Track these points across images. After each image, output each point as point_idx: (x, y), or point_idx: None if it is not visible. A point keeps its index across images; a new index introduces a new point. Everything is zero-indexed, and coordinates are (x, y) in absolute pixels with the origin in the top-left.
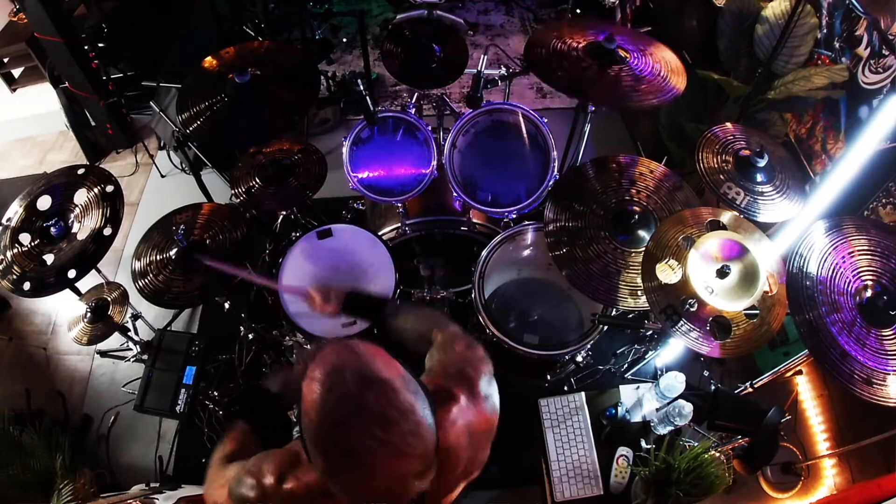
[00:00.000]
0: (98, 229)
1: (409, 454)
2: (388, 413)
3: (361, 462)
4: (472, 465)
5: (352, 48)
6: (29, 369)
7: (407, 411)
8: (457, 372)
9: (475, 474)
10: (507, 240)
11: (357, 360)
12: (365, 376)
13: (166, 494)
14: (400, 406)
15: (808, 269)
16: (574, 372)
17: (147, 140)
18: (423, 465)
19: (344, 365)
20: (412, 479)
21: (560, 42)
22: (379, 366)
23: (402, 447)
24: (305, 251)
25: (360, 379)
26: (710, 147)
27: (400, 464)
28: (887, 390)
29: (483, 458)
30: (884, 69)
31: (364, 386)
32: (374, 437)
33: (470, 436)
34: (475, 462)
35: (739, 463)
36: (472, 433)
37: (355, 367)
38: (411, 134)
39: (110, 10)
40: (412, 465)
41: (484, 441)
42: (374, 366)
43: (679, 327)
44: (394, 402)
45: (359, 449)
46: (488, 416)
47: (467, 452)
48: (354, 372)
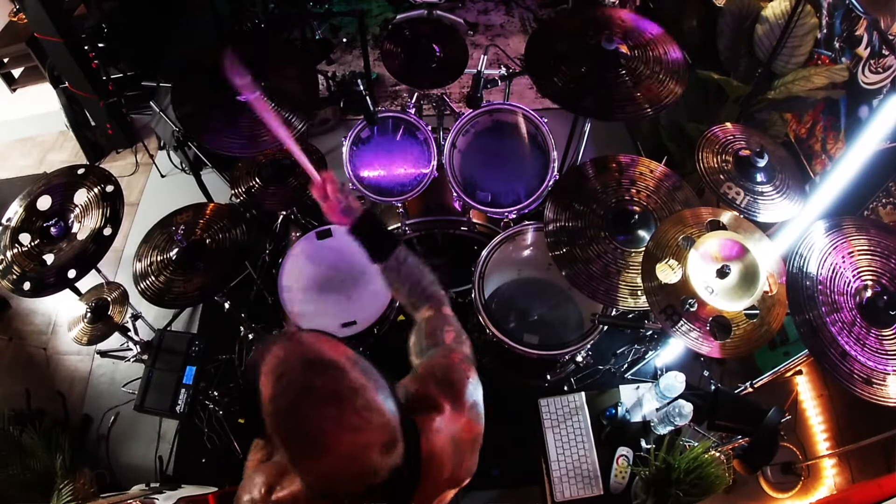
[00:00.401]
0: (98, 229)
1: (366, 428)
2: (338, 391)
3: (319, 443)
4: (458, 473)
5: (352, 48)
6: (29, 369)
7: (357, 388)
8: (443, 378)
9: (465, 482)
10: (507, 240)
11: (301, 349)
12: (310, 361)
13: (166, 494)
14: (349, 384)
15: (808, 269)
16: (574, 372)
17: (147, 140)
18: (386, 435)
19: (289, 354)
20: (376, 452)
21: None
22: (324, 349)
23: (357, 422)
24: (305, 251)
25: (306, 364)
26: (710, 147)
27: (358, 438)
28: (887, 390)
29: (470, 466)
30: (884, 69)
31: (310, 370)
32: (326, 417)
33: (454, 444)
34: (461, 469)
35: (739, 463)
36: (457, 442)
37: (300, 354)
38: (411, 134)
39: (110, 10)
40: (372, 437)
41: (469, 449)
42: (319, 350)
43: (679, 327)
44: (342, 380)
45: (314, 430)
46: (474, 425)
47: (452, 460)
48: (300, 359)
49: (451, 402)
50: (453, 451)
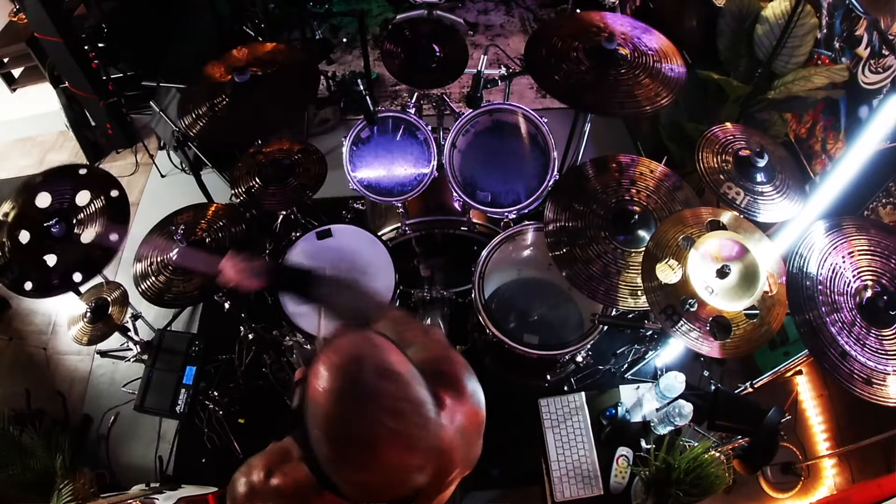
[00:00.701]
0: (104, 235)
1: (416, 447)
2: (401, 405)
3: (369, 451)
4: (465, 464)
5: (352, 48)
6: (29, 369)
7: (418, 405)
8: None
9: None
10: (507, 240)
11: (375, 351)
12: (382, 367)
13: (166, 494)
14: (412, 399)
15: (808, 269)
16: (574, 372)
17: (147, 140)
18: (426, 459)
19: (362, 354)
20: (414, 472)
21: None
22: (395, 358)
23: (411, 439)
24: (305, 251)
25: (377, 369)
26: (710, 147)
27: (405, 456)
28: (887, 390)
29: (476, 454)
30: (884, 69)
31: (381, 376)
32: (385, 427)
33: (462, 435)
34: (468, 460)
35: (739, 463)
36: (464, 432)
37: (372, 356)
38: (411, 134)
39: (110, 10)
40: (416, 459)
41: (475, 436)
42: (391, 358)
43: (679, 327)
44: (407, 394)
45: (369, 437)
46: (476, 410)
47: (461, 452)
48: (372, 361)
49: (452, 393)
50: (461, 444)
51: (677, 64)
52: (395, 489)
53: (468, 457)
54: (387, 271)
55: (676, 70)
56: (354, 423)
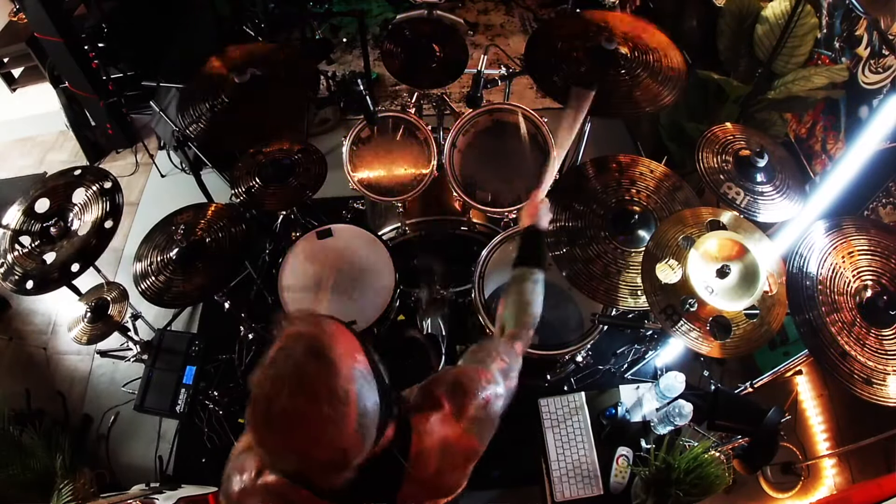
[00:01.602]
0: (99, 222)
1: (320, 440)
2: (319, 390)
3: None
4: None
5: (352, 48)
6: (29, 369)
7: (336, 397)
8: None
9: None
10: (507, 240)
11: (315, 334)
12: (315, 349)
13: (166, 494)
14: (333, 389)
15: (808, 269)
16: (574, 372)
17: (147, 140)
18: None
19: (301, 334)
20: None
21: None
22: (335, 346)
23: (315, 431)
24: (305, 251)
25: (310, 349)
26: (710, 147)
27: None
28: (887, 390)
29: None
30: (884, 69)
31: (311, 356)
32: (294, 405)
33: (443, 448)
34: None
35: (739, 463)
36: (446, 448)
37: (311, 337)
38: (411, 134)
39: (110, 10)
40: (319, 452)
41: (460, 461)
42: (330, 343)
43: (679, 327)
44: (329, 382)
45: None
46: (470, 438)
47: (437, 464)
48: (308, 341)
49: (453, 406)
50: (440, 455)
51: (677, 63)
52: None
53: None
54: (387, 271)
55: (676, 69)
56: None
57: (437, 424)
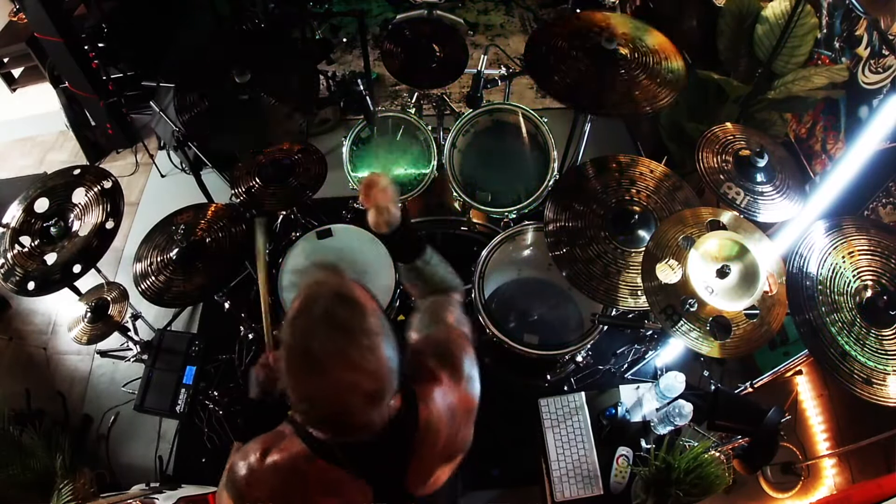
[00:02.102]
0: (100, 224)
1: (364, 368)
2: (352, 325)
3: (317, 363)
4: (453, 443)
5: (352, 48)
6: (29, 369)
7: (369, 331)
8: (442, 352)
9: (458, 458)
10: (507, 240)
11: (338, 282)
12: (341, 294)
13: (166, 494)
14: (364, 325)
15: (808, 269)
16: (574, 372)
17: (147, 140)
18: (375, 384)
19: (326, 282)
20: (361, 395)
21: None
22: (357, 292)
23: (358, 359)
24: (305, 251)
25: (336, 295)
26: (710, 147)
27: (352, 375)
28: (887, 390)
29: (465, 437)
30: (884, 69)
31: (338, 301)
32: (333, 342)
33: (451, 414)
34: (457, 441)
35: (739, 463)
36: (453, 412)
37: (335, 285)
38: (411, 134)
39: (110, 10)
40: (363, 381)
41: (465, 421)
42: (353, 290)
43: (679, 327)
44: (360, 320)
45: (318, 350)
46: (469, 397)
47: (447, 430)
48: (333, 289)
49: (449, 374)
50: (449, 420)
51: (677, 63)
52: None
53: (456, 435)
54: (387, 271)
55: (676, 70)
56: (307, 335)
57: (440, 395)
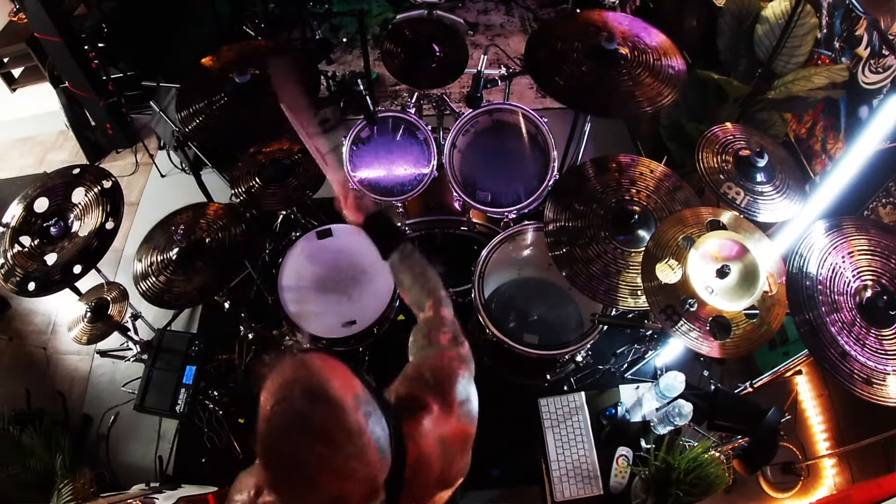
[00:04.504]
0: (100, 224)
1: (352, 476)
2: (333, 433)
3: (303, 477)
4: (448, 474)
5: (352, 48)
6: (29, 369)
7: (353, 433)
8: (431, 379)
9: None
10: (507, 240)
11: (309, 376)
12: (314, 393)
13: (166, 494)
14: (347, 427)
15: (808, 269)
16: (574, 372)
17: (147, 140)
18: (368, 488)
19: (295, 380)
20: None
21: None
22: (332, 384)
23: (345, 469)
24: (305, 251)
25: (310, 395)
26: (710, 147)
27: (342, 485)
28: (887, 390)
29: (461, 467)
30: (884, 69)
31: (312, 402)
32: (316, 455)
33: (443, 446)
34: (451, 471)
35: (739, 463)
36: (445, 443)
37: (306, 382)
38: (411, 134)
39: (110, 10)
40: (354, 488)
41: (459, 450)
42: (327, 383)
43: (679, 327)
44: (341, 422)
45: (301, 464)
46: (463, 426)
47: (440, 462)
48: (305, 387)
49: (440, 402)
50: (441, 453)
51: (677, 62)
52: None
53: (450, 466)
54: (387, 272)
55: (676, 68)
56: (286, 450)
57: (430, 425)
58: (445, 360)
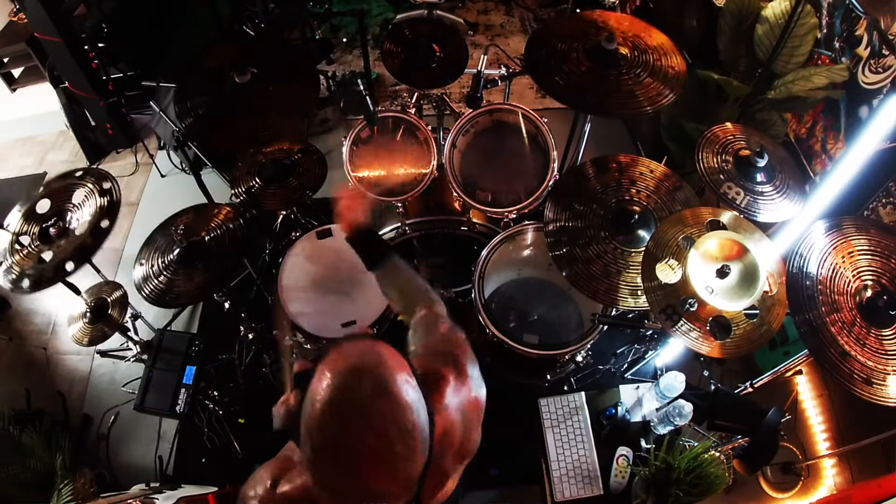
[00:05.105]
0: (95, 222)
1: (396, 478)
2: (390, 430)
3: (348, 462)
4: (466, 445)
5: (352, 48)
6: (29, 369)
7: (407, 432)
8: (442, 353)
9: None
10: (507, 240)
11: (379, 366)
12: (381, 385)
13: (166, 494)
14: (404, 427)
15: (808, 269)
16: (574, 372)
17: (147, 140)
18: (403, 489)
19: (365, 367)
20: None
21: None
22: (398, 379)
23: (392, 466)
24: (305, 251)
25: (376, 386)
26: (710, 147)
27: (384, 485)
28: (887, 390)
29: (476, 439)
30: (884, 69)
31: (377, 395)
32: (367, 445)
33: (462, 415)
34: (469, 442)
35: (739, 463)
36: (464, 412)
37: (375, 372)
38: (411, 134)
39: (110, 10)
40: (392, 487)
41: (475, 420)
42: (393, 378)
43: (679, 327)
44: (399, 419)
45: (350, 450)
46: (476, 398)
47: (460, 432)
48: (373, 377)
49: (455, 372)
50: (461, 422)
51: (677, 61)
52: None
53: (468, 437)
54: None
55: (676, 68)
56: (340, 434)
57: (450, 395)
58: (451, 337)
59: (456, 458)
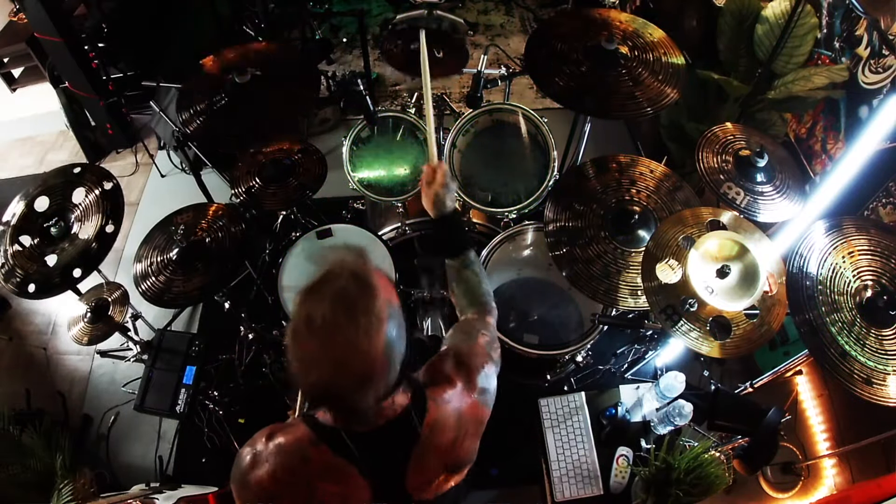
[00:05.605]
0: (100, 227)
1: (356, 347)
2: (356, 304)
3: (315, 329)
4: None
5: (352, 48)
6: (29, 369)
7: (371, 313)
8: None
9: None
10: (507, 240)
11: (361, 265)
12: (358, 275)
13: (166, 494)
14: (369, 306)
15: (808, 269)
16: (574, 372)
17: (147, 140)
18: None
19: (347, 262)
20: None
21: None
22: (374, 277)
23: (352, 337)
24: (305, 251)
25: (353, 274)
26: (710, 147)
27: (343, 352)
28: (887, 390)
29: (470, 448)
30: (884, 69)
31: (353, 280)
32: (334, 314)
33: (459, 418)
34: (462, 448)
35: (739, 463)
36: (462, 416)
37: (356, 266)
38: (411, 134)
39: (110, 10)
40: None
41: (472, 428)
42: (372, 275)
43: (679, 327)
44: (366, 301)
45: (318, 317)
46: (481, 408)
47: (453, 433)
48: (352, 269)
49: (465, 380)
50: (456, 424)
51: (677, 61)
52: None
53: (462, 442)
54: (387, 271)
55: (676, 67)
56: (312, 301)
57: (452, 397)
58: (476, 349)
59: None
